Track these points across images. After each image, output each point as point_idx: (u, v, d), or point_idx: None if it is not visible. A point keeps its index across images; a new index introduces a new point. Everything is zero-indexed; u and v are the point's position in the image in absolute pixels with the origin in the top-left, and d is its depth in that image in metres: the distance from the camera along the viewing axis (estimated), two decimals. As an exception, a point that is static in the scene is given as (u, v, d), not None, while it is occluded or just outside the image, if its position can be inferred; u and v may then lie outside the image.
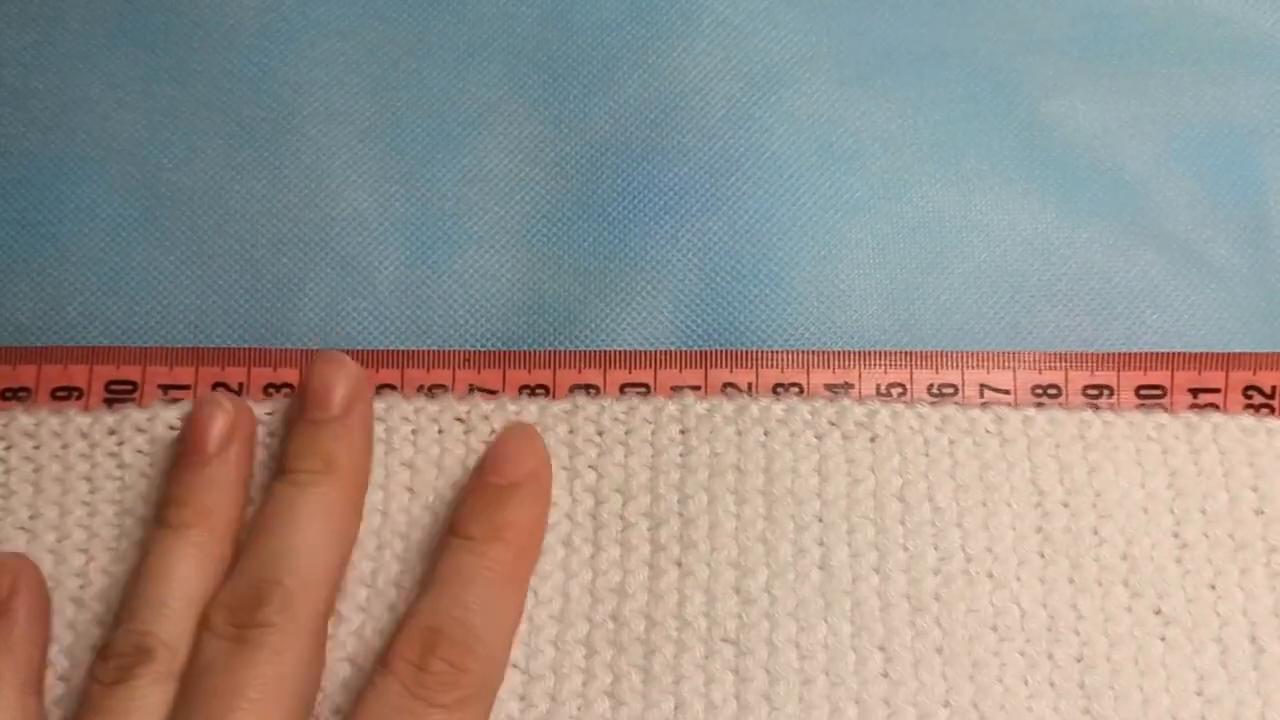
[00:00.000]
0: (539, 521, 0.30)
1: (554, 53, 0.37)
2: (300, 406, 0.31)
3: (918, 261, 0.35)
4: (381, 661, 0.28)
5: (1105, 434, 0.32)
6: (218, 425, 0.30)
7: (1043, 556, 0.31)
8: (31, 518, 0.31)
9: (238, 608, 0.27)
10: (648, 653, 0.30)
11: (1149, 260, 0.35)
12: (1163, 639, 0.31)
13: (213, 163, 0.36)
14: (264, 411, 0.32)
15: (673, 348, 0.34)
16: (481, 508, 0.30)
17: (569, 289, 0.35)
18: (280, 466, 0.30)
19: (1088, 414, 0.33)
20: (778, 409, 0.33)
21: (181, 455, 0.30)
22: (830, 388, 0.33)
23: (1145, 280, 0.35)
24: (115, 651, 0.28)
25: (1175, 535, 0.32)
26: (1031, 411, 0.33)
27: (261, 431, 0.32)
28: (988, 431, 0.32)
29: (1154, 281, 0.35)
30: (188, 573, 0.28)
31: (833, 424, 0.33)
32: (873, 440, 0.32)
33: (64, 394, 0.33)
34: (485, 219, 0.36)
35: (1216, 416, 0.33)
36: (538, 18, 0.38)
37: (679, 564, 0.31)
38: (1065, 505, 0.32)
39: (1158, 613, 0.31)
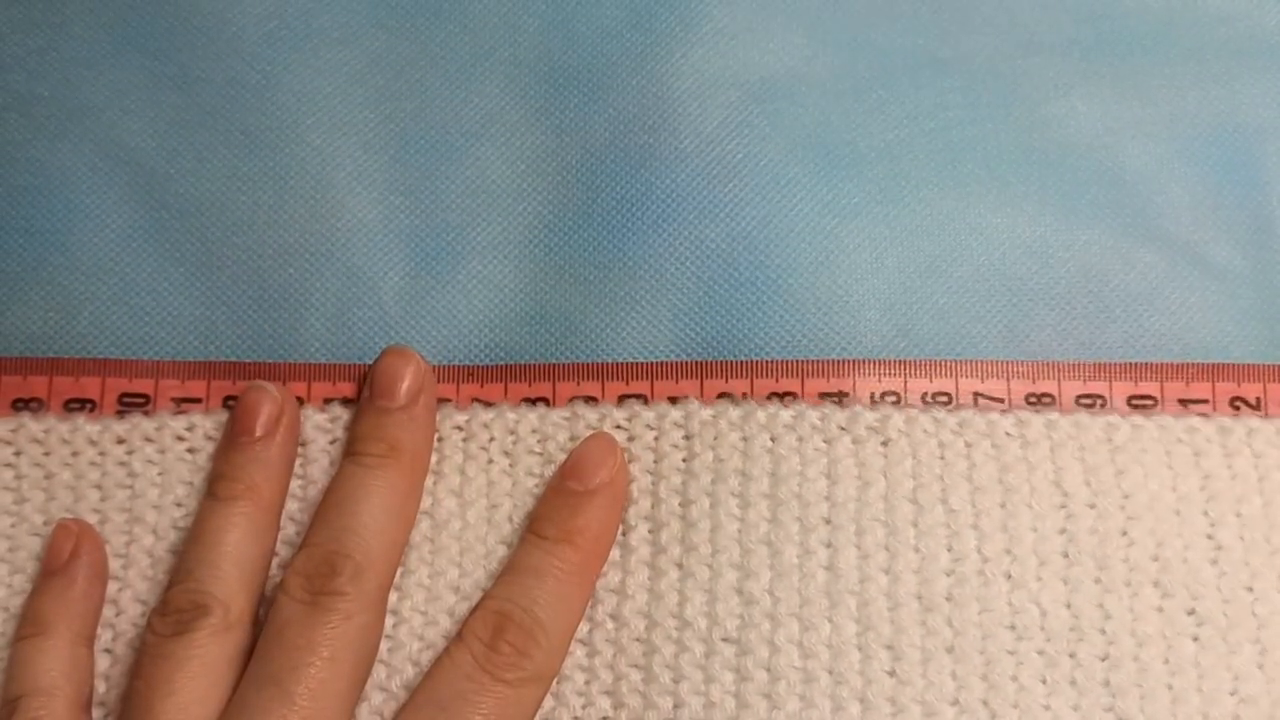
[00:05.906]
0: (610, 528, 0.32)
1: (555, 61, 0.37)
2: (368, 393, 0.33)
3: (916, 266, 0.35)
4: (458, 635, 0.30)
5: (1134, 437, 0.32)
6: (265, 410, 0.32)
7: (1066, 557, 0.31)
8: (45, 523, 0.32)
9: (313, 575, 0.30)
10: (647, 652, 0.30)
11: (1149, 263, 0.35)
12: (1195, 639, 0.30)
13: (219, 172, 0.36)
14: None
15: (672, 354, 0.34)
16: (556, 510, 0.31)
17: (569, 298, 0.35)
18: (348, 447, 0.32)
19: (1114, 418, 0.32)
20: (785, 415, 0.32)
21: (231, 436, 0.32)
22: (824, 396, 0.33)
23: (1145, 283, 0.35)
24: (174, 607, 0.30)
25: (1209, 537, 0.31)
26: (1055, 415, 0.32)
27: None
28: (1008, 435, 0.32)
29: (1154, 284, 0.35)
30: (237, 539, 0.31)
31: (843, 429, 0.32)
32: (885, 444, 0.32)
33: (77, 406, 0.34)
34: (488, 230, 0.36)
35: (1252, 420, 0.32)
36: (539, 27, 0.37)
37: (679, 565, 0.31)
38: (1091, 507, 0.31)
39: (1191, 613, 0.31)
